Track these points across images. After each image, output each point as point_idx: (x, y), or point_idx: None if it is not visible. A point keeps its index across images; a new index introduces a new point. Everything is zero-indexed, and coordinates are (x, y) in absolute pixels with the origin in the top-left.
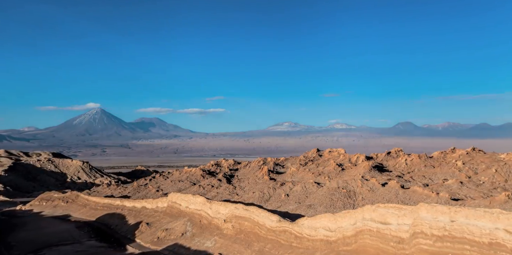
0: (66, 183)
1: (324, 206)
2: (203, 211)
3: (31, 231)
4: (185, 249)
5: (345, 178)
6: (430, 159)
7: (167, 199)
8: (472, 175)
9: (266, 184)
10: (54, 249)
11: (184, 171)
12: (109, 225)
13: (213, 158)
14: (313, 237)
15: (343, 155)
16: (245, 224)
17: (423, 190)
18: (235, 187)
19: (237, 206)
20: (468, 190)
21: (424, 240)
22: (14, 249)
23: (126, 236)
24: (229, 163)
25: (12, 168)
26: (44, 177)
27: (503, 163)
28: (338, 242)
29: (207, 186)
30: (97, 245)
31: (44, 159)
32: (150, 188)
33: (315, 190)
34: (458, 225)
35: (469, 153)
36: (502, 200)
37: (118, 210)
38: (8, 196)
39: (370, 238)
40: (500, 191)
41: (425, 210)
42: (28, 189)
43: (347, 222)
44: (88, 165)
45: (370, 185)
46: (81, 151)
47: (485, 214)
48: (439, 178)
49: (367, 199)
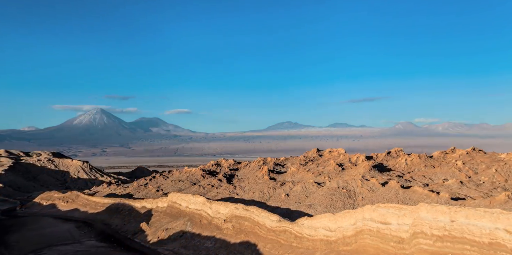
0: (66, 183)
1: (324, 206)
2: (203, 211)
3: (31, 231)
4: (185, 249)
5: (345, 178)
6: (430, 159)
7: (167, 199)
8: (472, 175)
9: (266, 184)
10: (54, 249)
11: (184, 171)
12: (109, 225)
13: (213, 158)
14: (313, 237)
15: (343, 155)
16: (245, 224)
17: (423, 190)
18: (235, 187)
19: (237, 206)
20: (468, 190)
21: (424, 240)
22: (14, 249)
23: (126, 236)
24: (229, 163)
25: (12, 168)
26: (44, 177)
27: (503, 163)
28: (338, 242)
29: (207, 186)
30: (97, 245)
31: (44, 159)
32: (150, 188)
33: (315, 190)
34: (458, 225)
35: (469, 153)
36: (502, 200)
37: (118, 210)
38: (8, 196)
39: (370, 238)
40: (500, 191)
41: (425, 210)
42: (28, 189)
43: (347, 222)
44: (88, 165)
45: (370, 185)
46: (81, 151)
47: (485, 214)
48: (439, 178)
49: (367, 199)
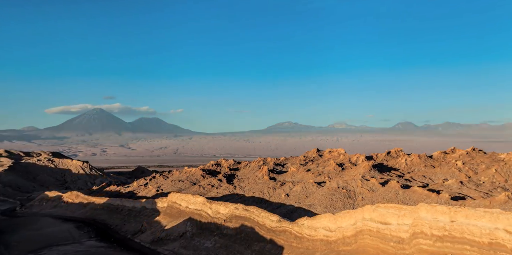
0: (66, 183)
1: (324, 206)
2: (203, 211)
3: (31, 231)
4: (185, 249)
5: (345, 178)
6: (430, 159)
7: (167, 199)
8: (472, 175)
9: (266, 184)
10: (54, 249)
11: (184, 171)
12: (109, 225)
13: (213, 158)
14: (313, 237)
15: (343, 155)
16: (245, 224)
17: (423, 190)
18: (235, 187)
19: (237, 206)
20: (468, 190)
21: (424, 240)
22: (14, 249)
23: (126, 236)
24: (229, 163)
25: (12, 168)
26: (44, 177)
27: (503, 163)
28: (338, 242)
29: (207, 186)
30: (97, 245)
31: (44, 159)
32: (150, 188)
33: (315, 190)
34: (458, 225)
35: (469, 153)
36: (502, 200)
37: (118, 210)
38: (8, 196)
39: (370, 238)
40: (500, 191)
41: (425, 210)
42: (28, 189)
43: (347, 222)
44: (88, 165)
45: (370, 185)
46: (81, 151)
47: (485, 214)
48: (439, 178)
49: (367, 199)
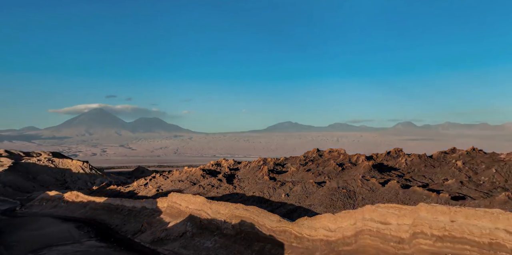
0: (66, 183)
1: (324, 206)
2: (203, 211)
3: (31, 231)
4: (185, 249)
5: (345, 178)
6: (430, 159)
7: (167, 199)
8: (472, 175)
9: (266, 184)
10: (54, 249)
11: (184, 171)
12: (109, 225)
13: (213, 158)
14: (313, 237)
15: (343, 155)
16: (245, 224)
17: (423, 190)
18: (235, 187)
19: (237, 206)
20: (468, 190)
21: (424, 240)
22: (14, 249)
23: (126, 236)
24: (229, 163)
25: (12, 168)
26: (44, 177)
27: (503, 163)
28: (338, 242)
29: (207, 186)
30: (97, 245)
31: (44, 159)
32: (150, 188)
33: (315, 190)
34: (458, 225)
35: (469, 153)
36: (502, 200)
37: (118, 210)
38: (8, 196)
39: (370, 238)
40: (500, 191)
41: (425, 210)
42: (28, 189)
43: (347, 222)
44: (88, 165)
45: (370, 185)
46: (81, 151)
47: (485, 214)
48: (439, 178)
49: (367, 199)
